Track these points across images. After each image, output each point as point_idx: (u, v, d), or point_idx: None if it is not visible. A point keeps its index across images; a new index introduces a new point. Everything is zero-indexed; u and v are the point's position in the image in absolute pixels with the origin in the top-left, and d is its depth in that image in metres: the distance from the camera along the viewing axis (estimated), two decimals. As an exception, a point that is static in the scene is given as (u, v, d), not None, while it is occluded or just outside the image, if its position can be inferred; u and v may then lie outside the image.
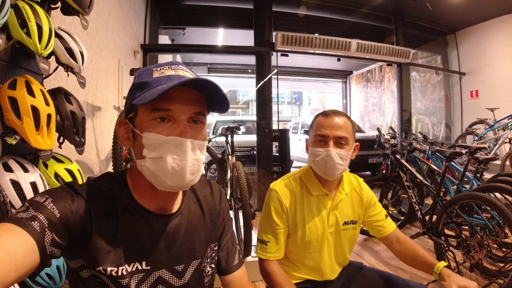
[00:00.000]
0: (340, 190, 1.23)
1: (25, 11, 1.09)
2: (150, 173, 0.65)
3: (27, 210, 0.56)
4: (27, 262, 0.51)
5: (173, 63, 0.69)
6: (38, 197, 0.60)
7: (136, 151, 0.68)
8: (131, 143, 0.70)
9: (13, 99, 1.07)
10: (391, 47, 5.16)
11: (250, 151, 5.79)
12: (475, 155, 2.44)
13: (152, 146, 0.63)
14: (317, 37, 4.67)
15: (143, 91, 0.65)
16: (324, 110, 1.22)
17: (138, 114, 0.66)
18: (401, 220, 3.34)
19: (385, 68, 8.22)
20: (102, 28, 2.54)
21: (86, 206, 0.63)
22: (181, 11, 5.29)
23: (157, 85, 0.64)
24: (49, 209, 0.58)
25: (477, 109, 5.82)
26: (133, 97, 0.66)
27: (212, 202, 0.85)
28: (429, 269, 1.12)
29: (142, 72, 0.69)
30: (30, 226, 0.54)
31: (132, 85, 0.69)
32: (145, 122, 0.64)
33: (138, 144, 0.66)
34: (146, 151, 0.64)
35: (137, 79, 0.68)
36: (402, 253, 1.25)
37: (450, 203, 2.15)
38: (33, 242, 0.53)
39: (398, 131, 5.58)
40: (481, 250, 1.93)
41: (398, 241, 1.27)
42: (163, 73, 0.66)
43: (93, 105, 2.41)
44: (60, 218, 0.58)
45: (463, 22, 5.95)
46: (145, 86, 0.65)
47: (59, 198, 0.61)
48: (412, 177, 2.82)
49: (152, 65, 0.71)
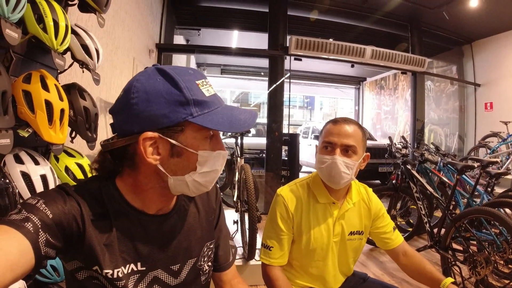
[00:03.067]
0: (348, 199, 1.21)
1: (42, 6, 1.11)
2: (195, 184, 0.67)
3: (20, 212, 0.57)
4: (22, 263, 0.52)
5: (202, 75, 0.68)
6: (30, 200, 0.60)
7: (176, 167, 0.65)
8: (161, 159, 0.64)
9: (27, 92, 1.09)
10: (406, 55, 5.09)
11: (259, 153, 5.78)
12: (487, 169, 2.39)
13: (205, 162, 0.66)
14: (331, 42, 4.65)
15: (203, 111, 0.63)
16: (335, 118, 1.20)
17: (186, 131, 0.63)
18: (409, 231, 3.28)
19: (400, 76, 8.12)
20: (119, 26, 2.58)
21: (78, 207, 0.63)
22: (197, 12, 5.34)
23: (216, 107, 0.66)
24: (41, 210, 0.58)
25: (491, 121, 5.70)
26: (186, 113, 0.62)
27: (207, 200, 0.85)
28: (436, 285, 1.10)
29: (188, 83, 0.63)
30: (23, 227, 0.54)
31: (175, 95, 0.61)
32: (200, 140, 0.65)
33: (183, 161, 0.65)
34: (199, 167, 0.66)
35: (190, 94, 0.62)
36: (409, 267, 1.23)
37: (460, 217, 2.11)
38: (27, 243, 0.53)
39: (410, 141, 5.50)
40: (487, 266, 1.88)
41: (405, 255, 1.24)
42: (209, 91, 0.66)
43: (107, 102, 2.44)
44: (53, 219, 0.58)
45: (480, 32, 5.85)
46: (205, 106, 0.64)
47: (52, 200, 0.61)
48: (422, 188, 2.77)
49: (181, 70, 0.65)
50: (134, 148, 0.64)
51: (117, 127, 0.66)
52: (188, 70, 0.66)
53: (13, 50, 1.17)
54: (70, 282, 0.67)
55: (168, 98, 0.61)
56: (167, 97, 0.61)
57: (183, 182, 0.66)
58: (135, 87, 0.62)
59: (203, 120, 0.62)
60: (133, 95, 0.62)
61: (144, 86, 0.62)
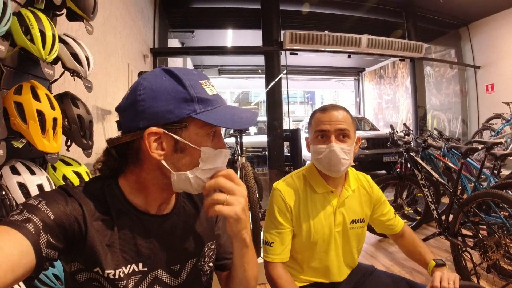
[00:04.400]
0: (346, 186, 1.20)
1: (28, 18, 1.11)
2: (197, 181, 0.67)
3: (21, 213, 0.57)
4: (23, 263, 0.52)
5: (205, 76, 0.70)
6: (32, 200, 0.60)
7: (180, 163, 0.66)
8: (165, 154, 0.66)
9: (19, 103, 1.09)
10: (403, 42, 5.05)
11: (262, 151, 5.77)
12: (491, 150, 2.35)
13: (207, 158, 0.67)
14: (326, 34, 4.62)
15: (206, 108, 0.65)
16: (322, 106, 1.19)
17: (190, 128, 0.65)
18: (416, 220, 3.24)
19: (398, 64, 8.05)
20: (110, 33, 2.58)
21: (80, 208, 0.63)
22: (189, 14, 5.34)
23: (218, 106, 0.67)
24: (43, 211, 0.58)
25: (494, 103, 5.63)
26: (190, 109, 0.64)
27: None
28: (425, 266, 1.17)
29: (193, 82, 0.65)
30: (24, 228, 0.54)
31: (180, 92, 0.64)
32: (203, 137, 0.66)
33: (186, 157, 0.66)
34: (202, 163, 0.67)
35: (194, 92, 0.64)
36: (405, 247, 1.29)
37: (467, 202, 2.07)
38: (28, 244, 0.53)
39: (413, 128, 5.45)
40: (498, 250, 1.85)
41: (402, 236, 1.29)
42: (212, 91, 0.68)
43: (103, 109, 2.44)
44: (55, 220, 0.58)
45: (475, 14, 5.79)
46: (208, 104, 0.66)
47: (53, 201, 0.61)
48: (428, 175, 2.73)
49: (186, 71, 0.68)
50: (139, 144, 0.66)
51: (123, 124, 0.68)
52: (192, 71, 0.69)
53: (4, 64, 1.17)
54: (70, 284, 0.67)
55: (173, 95, 0.63)
56: (173, 94, 0.64)
57: (186, 178, 0.67)
58: (142, 85, 0.65)
59: (207, 116, 0.64)
60: (140, 92, 0.64)
61: (151, 84, 0.65)
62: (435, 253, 2.64)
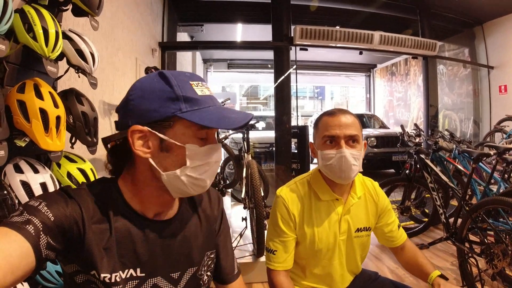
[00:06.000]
0: (352, 194, 1.16)
1: (31, 15, 1.10)
2: (190, 180, 0.67)
3: (22, 214, 0.57)
4: (22, 265, 0.52)
5: (200, 78, 0.71)
6: (32, 201, 0.61)
7: (166, 162, 0.66)
8: (152, 152, 0.66)
9: (21, 102, 1.09)
10: (416, 39, 4.91)
11: (269, 147, 5.73)
12: (503, 155, 2.29)
13: (195, 155, 0.67)
14: (337, 29, 4.52)
15: (192, 108, 0.65)
16: (329, 110, 1.14)
17: (176, 127, 0.65)
18: (424, 222, 3.19)
19: (411, 61, 7.89)
20: (118, 28, 2.57)
21: (79, 210, 0.63)
22: (199, 7, 5.29)
23: (207, 106, 0.67)
24: (43, 212, 0.58)
25: (506, 105, 5.49)
26: (175, 108, 0.64)
27: (209, 208, 0.84)
28: (425, 277, 1.11)
29: (181, 83, 0.66)
30: (24, 230, 0.54)
31: (166, 92, 0.65)
32: (190, 137, 0.66)
33: (172, 155, 0.66)
34: (189, 161, 0.66)
35: (180, 91, 0.65)
36: (402, 260, 1.24)
37: (476, 208, 2.02)
38: (28, 246, 0.54)
39: (424, 128, 5.34)
40: (504, 259, 1.81)
41: (403, 249, 1.24)
42: (203, 91, 0.68)
43: (110, 104, 2.44)
44: (55, 221, 0.59)
45: (490, 13, 5.60)
46: (194, 103, 0.66)
47: (53, 202, 0.61)
48: (437, 178, 2.67)
49: (178, 72, 0.69)
50: None
51: (118, 124, 0.71)
52: (185, 73, 0.70)
53: (8, 61, 1.16)
54: (69, 285, 0.67)
55: (159, 94, 0.65)
56: (159, 93, 0.65)
57: (176, 177, 0.66)
58: (135, 86, 0.69)
59: (192, 115, 0.64)
60: (131, 92, 0.68)
61: (142, 85, 0.68)
62: (442, 257, 2.60)
